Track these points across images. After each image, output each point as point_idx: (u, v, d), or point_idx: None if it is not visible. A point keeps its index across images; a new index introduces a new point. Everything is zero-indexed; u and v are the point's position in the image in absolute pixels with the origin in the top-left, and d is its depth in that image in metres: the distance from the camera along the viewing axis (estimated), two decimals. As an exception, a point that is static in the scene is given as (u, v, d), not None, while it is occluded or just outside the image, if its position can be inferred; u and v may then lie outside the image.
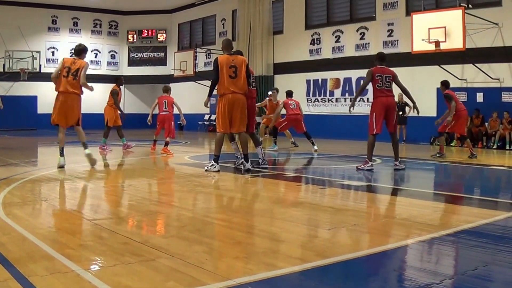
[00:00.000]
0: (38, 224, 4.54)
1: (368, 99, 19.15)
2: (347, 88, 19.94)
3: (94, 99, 29.63)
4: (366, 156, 8.87)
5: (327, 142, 16.38)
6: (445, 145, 16.00)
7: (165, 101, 13.81)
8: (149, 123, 13.75)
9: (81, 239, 3.96)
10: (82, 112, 8.94)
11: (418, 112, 9.69)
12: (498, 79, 15.69)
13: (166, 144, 12.55)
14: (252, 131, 8.91)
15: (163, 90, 13.48)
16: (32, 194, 6.29)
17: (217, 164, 8.27)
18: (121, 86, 13.65)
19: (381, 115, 8.89)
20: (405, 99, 17.02)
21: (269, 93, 15.82)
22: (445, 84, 12.36)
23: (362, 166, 8.80)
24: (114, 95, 13.67)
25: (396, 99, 17.28)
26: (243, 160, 8.38)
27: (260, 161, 9.00)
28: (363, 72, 19.01)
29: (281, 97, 15.17)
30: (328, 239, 4.09)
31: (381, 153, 12.93)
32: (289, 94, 14.46)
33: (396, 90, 17.16)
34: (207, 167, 8.32)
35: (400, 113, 17.15)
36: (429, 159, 11.25)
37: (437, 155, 12.00)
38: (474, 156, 11.66)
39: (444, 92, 12.15)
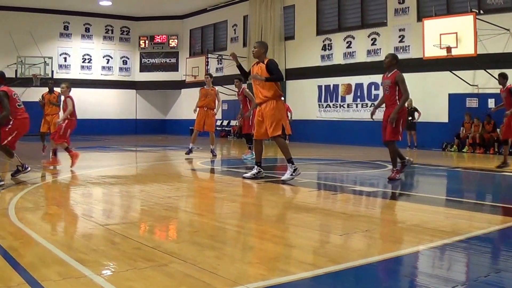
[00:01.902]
0: (50, 229, 4.57)
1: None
2: (358, 94, 19.87)
3: (108, 105, 29.95)
4: (393, 165, 8.36)
5: (338, 148, 16.36)
6: (457, 151, 15.97)
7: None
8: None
9: (93, 244, 3.95)
10: (96, 118, 8.90)
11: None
12: (510, 85, 15.57)
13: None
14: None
15: None
16: (45, 199, 6.33)
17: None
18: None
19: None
20: (414, 104, 17.00)
21: None
22: (505, 77, 11.03)
23: (397, 176, 8.29)
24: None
25: (406, 104, 17.28)
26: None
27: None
28: (374, 78, 19.07)
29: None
30: (340, 244, 4.08)
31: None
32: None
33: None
34: (291, 174, 7.86)
35: (409, 118, 17.07)
36: (440, 165, 11.14)
37: (502, 165, 10.74)
38: (506, 165, 10.68)
39: (509, 87, 10.73)
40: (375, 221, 5.02)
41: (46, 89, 12.96)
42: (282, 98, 8.21)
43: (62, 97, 10.54)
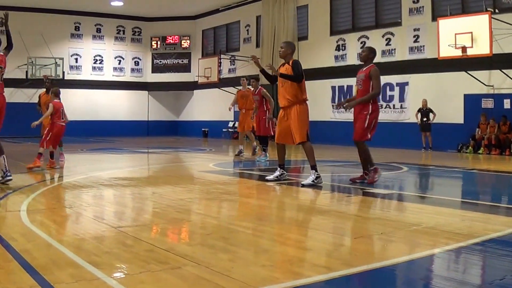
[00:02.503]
0: (62, 231, 4.57)
1: (394, 105, 18.99)
2: (373, 95, 19.78)
3: (119, 106, 30.01)
4: (370, 165, 7.99)
5: (352, 149, 16.18)
6: (472, 153, 15.82)
7: None
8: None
9: (106, 246, 3.95)
10: (108, 119, 8.90)
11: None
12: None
13: None
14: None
15: None
16: (57, 201, 6.34)
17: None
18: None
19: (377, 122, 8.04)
20: (429, 105, 16.87)
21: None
22: None
23: (375, 177, 7.89)
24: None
25: (421, 104, 17.19)
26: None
27: None
28: (389, 79, 18.97)
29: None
30: (354, 247, 4.05)
31: (407, 160, 12.81)
32: None
33: (421, 96, 17.23)
34: (313, 181, 7.70)
35: (424, 119, 16.95)
36: (455, 167, 11.02)
37: None
38: None
39: None
40: (390, 223, 4.96)
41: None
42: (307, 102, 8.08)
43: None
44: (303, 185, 7.61)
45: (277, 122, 8.19)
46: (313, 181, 7.65)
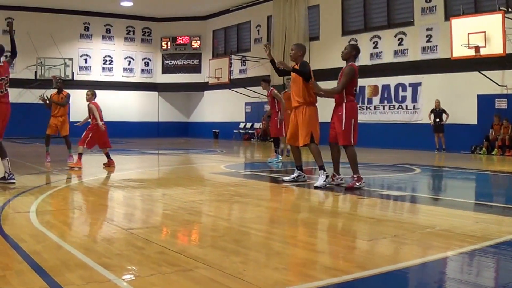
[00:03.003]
0: (72, 233, 4.55)
1: (407, 106, 18.86)
2: (385, 95, 19.64)
3: (129, 107, 30.02)
4: (354, 172, 7.59)
5: (365, 151, 16.11)
6: (486, 154, 15.67)
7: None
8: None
9: (116, 248, 3.93)
10: (117, 120, 8.88)
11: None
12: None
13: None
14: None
15: None
16: (66, 202, 6.34)
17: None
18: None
19: (356, 124, 7.67)
20: (442, 105, 16.74)
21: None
22: None
23: (357, 183, 7.45)
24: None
25: (433, 106, 17.06)
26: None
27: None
28: (401, 79, 18.90)
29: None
30: (368, 250, 4.02)
31: (420, 162, 12.71)
32: None
33: (434, 97, 17.11)
34: (324, 181, 7.60)
35: (437, 120, 16.82)
36: (469, 168, 10.91)
37: None
38: None
39: None
40: (403, 226, 4.91)
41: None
42: (317, 104, 8.03)
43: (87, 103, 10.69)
44: (316, 187, 7.53)
45: (290, 122, 8.20)
46: (324, 181, 7.59)
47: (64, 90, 12.41)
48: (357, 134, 7.62)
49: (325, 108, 8.86)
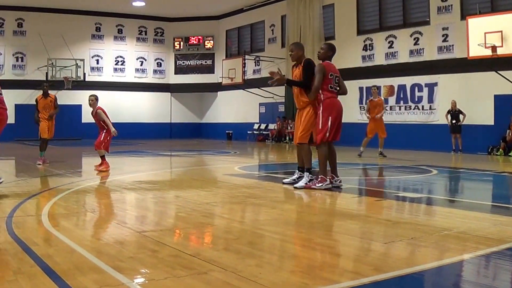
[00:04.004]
0: (85, 236, 4.53)
1: (423, 106, 18.70)
2: (401, 96, 19.46)
3: (142, 108, 30.04)
4: (320, 172, 7.53)
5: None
6: (503, 155, 15.47)
7: None
8: None
9: (130, 251, 3.90)
10: (130, 121, 8.80)
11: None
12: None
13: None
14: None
15: None
16: (79, 205, 6.32)
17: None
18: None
19: (336, 120, 7.60)
20: (459, 106, 16.55)
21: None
22: None
23: (317, 184, 7.45)
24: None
25: (450, 106, 16.89)
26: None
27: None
28: (417, 79, 18.75)
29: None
30: (385, 253, 3.97)
31: (436, 163, 12.58)
32: None
33: (450, 97, 16.94)
34: (306, 183, 7.54)
35: (454, 121, 16.64)
36: (486, 170, 10.75)
37: None
38: None
39: None
40: (420, 228, 4.84)
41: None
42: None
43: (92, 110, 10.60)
44: (295, 188, 7.52)
45: (295, 124, 8.11)
46: (306, 183, 7.54)
47: (50, 94, 12.30)
48: (335, 132, 7.57)
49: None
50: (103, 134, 10.52)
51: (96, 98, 10.65)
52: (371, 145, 14.77)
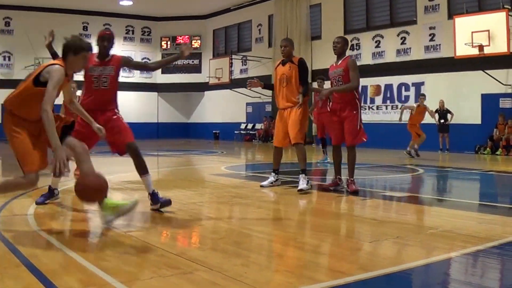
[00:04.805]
0: (71, 236, 4.52)
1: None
2: (388, 95, 19.54)
3: (128, 108, 29.78)
4: (352, 174, 7.37)
5: (367, 151, 16.08)
6: (490, 154, 15.59)
7: None
8: None
9: (115, 251, 3.88)
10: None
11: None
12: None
13: None
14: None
15: None
16: (65, 205, 6.28)
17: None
18: None
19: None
20: (446, 105, 16.66)
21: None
22: None
23: (354, 186, 7.22)
24: None
25: (436, 105, 16.97)
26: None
27: None
28: (404, 78, 18.82)
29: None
30: (370, 251, 3.98)
31: (423, 162, 12.65)
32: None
33: (437, 96, 17.03)
34: (308, 184, 7.29)
35: (442, 120, 16.74)
36: (473, 169, 10.82)
37: None
38: None
39: None
40: (406, 227, 4.87)
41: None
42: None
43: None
44: (300, 190, 7.15)
45: (276, 124, 7.78)
46: (307, 183, 7.24)
47: None
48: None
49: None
50: None
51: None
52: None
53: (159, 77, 30.76)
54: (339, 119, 7.29)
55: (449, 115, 16.61)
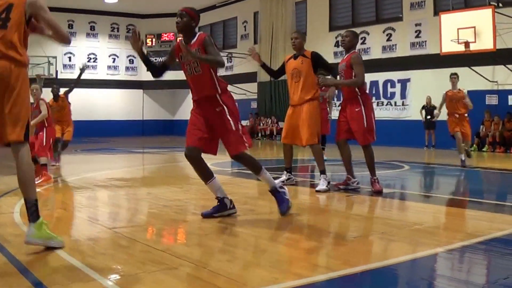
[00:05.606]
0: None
1: (395, 102, 18.85)
2: (373, 92, 19.60)
3: (114, 105, 29.68)
4: (373, 173, 7.08)
5: (353, 148, 16.14)
6: (477, 151, 15.69)
7: None
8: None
9: (101, 248, 3.89)
10: (102, 119, 8.27)
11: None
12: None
13: None
14: None
15: None
16: (51, 202, 6.26)
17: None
18: None
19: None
20: (434, 102, 16.73)
21: None
22: None
23: (378, 184, 6.94)
24: None
25: (423, 102, 17.05)
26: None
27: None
28: (390, 75, 18.87)
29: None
30: (355, 247, 3.99)
31: (409, 158, 12.71)
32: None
33: (423, 93, 17.10)
34: (327, 186, 6.99)
35: (428, 117, 16.81)
36: (459, 165, 10.86)
37: None
38: None
39: None
40: (391, 223, 4.90)
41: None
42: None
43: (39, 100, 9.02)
44: (318, 191, 6.92)
45: (285, 120, 7.46)
46: (327, 186, 7.01)
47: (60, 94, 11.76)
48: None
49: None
50: (44, 134, 8.37)
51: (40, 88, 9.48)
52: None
53: (144, 74, 30.52)
54: (344, 114, 7.11)
55: (435, 111, 16.66)
